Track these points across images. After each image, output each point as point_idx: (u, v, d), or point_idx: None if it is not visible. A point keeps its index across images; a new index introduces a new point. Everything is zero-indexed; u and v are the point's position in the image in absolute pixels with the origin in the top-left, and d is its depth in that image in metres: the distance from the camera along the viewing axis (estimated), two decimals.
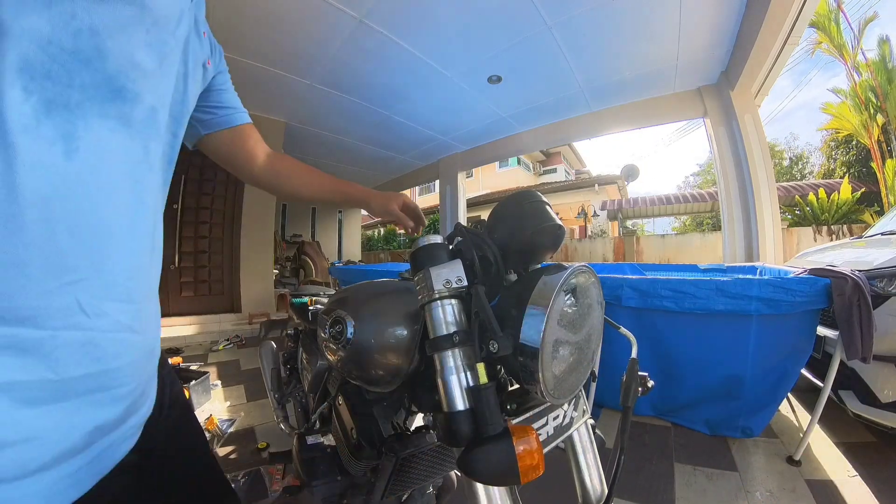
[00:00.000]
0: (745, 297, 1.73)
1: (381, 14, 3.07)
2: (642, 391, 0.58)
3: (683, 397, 2.05)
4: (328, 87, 4.15)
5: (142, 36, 0.40)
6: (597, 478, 0.61)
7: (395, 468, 0.66)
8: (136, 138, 0.41)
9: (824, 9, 7.81)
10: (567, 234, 2.16)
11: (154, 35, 0.41)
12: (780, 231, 4.08)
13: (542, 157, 19.98)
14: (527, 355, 0.43)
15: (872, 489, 1.49)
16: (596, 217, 13.90)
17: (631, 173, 15.36)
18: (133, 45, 0.39)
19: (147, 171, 0.43)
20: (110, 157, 0.38)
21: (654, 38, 3.55)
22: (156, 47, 0.42)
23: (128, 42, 0.38)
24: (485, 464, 0.38)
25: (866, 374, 1.68)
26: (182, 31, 0.47)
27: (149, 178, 0.43)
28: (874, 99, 7.96)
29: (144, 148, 0.42)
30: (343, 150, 6.22)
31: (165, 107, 0.46)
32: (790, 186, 9.80)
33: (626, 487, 1.55)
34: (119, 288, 0.40)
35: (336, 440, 0.79)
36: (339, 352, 0.59)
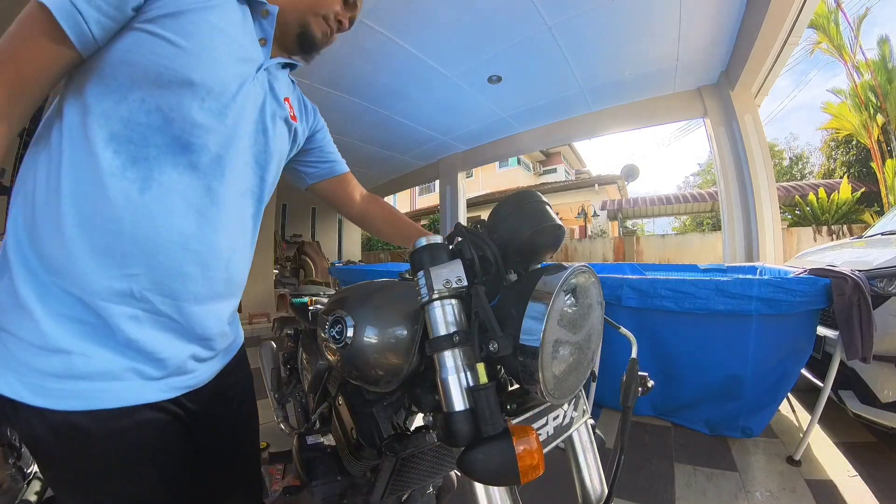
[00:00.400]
0: (745, 297, 1.73)
1: (381, 14, 3.07)
2: (642, 391, 0.58)
3: (683, 397, 2.05)
4: (328, 87, 4.15)
5: (199, 104, 0.53)
6: (597, 478, 0.61)
7: (395, 468, 0.66)
8: (201, 178, 0.54)
9: (823, 9, 7.81)
10: (567, 234, 2.17)
11: (211, 102, 0.54)
12: (780, 231, 4.08)
13: (542, 157, 19.98)
14: (527, 355, 0.43)
15: (872, 489, 1.49)
16: (596, 217, 13.90)
17: (631, 173, 15.36)
18: (193, 112, 0.52)
19: (209, 203, 0.55)
20: (174, 193, 0.52)
21: (654, 38, 3.55)
22: (215, 110, 0.54)
23: (188, 110, 0.52)
24: (485, 464, 0.38)
25: (866, 374, 1.68)
26: (246, 96, 0.59)
27: (211, 208, 0.56)
28: (874, 99, 7.96)
29: (207, 186, 0.55)
30: (343, 150, 6.01)
31: (238, 154, 0.59)
32: (790, 186, 9.80)
33: (626, 487, 1.55)
34: (163, 286, 0.53)
35: (336, 440, 0.79)
36: (339, 352, 0.59)
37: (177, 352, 0.56)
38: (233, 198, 0.59)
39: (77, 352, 0.48)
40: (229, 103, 0.56)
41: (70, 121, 0.49)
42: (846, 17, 8.16)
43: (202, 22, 0.53)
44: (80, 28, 0.47)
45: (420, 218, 16.41)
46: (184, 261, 0.54)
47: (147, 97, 0.50)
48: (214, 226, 0.57)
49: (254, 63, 0.61)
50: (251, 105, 0.60)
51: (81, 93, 0.50)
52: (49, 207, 0.48)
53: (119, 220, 0.49)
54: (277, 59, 0.67)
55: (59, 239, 0.48)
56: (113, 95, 0.49)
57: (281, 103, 0.68)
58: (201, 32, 0.53)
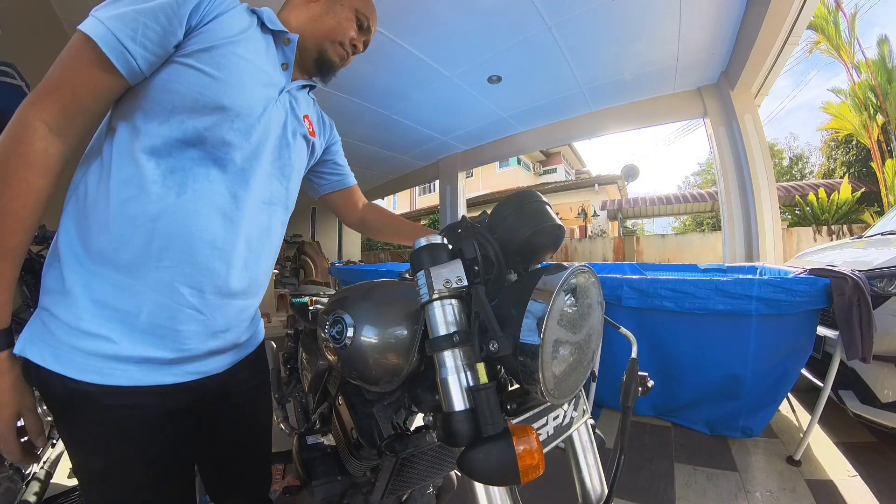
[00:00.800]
0: (745, 297, 1.73)
1: (381, 14, 3.04)
2: (642, 391, 0.58)
3: (683, 397, 2.05)
4: (328, 87, 4.12)
5: (228, 125, 0.61)
6: (597, 478, 0.61)
7: (395, 468, 0.66)
8: (228, 187, 0.62)
9: (822, 10, 7.81)
10: (567, 234, 2.16)
11: (239, 123, 0.62)
12: (780, 231, 4.08)
13: (542, 157, 19.98)
14: (527, 355, 0.43)
15: (872, 489, 1.49)
16: (596, 217, 13.90)
17: (631, 173, 15.36)
18: (223, 132, 0.61)
19: (234, 208, 0.63)
20: (204, 198, 0.60)
21: (654, 38, 3.55)
22: (242, 130, 0.63)
23: (218, 130, 0.60)
24: (485, 464, 0.38)
25: (866, 374, 1.68)
26: (270, 117, 0.67)
27: (236, 213, 0.63)
28: (874, 99, 7.96)
29: (232, 193, 0.62)
30: (343, 149, 6.21)
31: (261, 166, 0.66)
32: (790, 186, 9.80)
33: (626, 487, 1.55)
34: (192, 278, 0.60)
35: (336, 440, 0.79)
36: (339, 352, 0.59)
37: (195, 341, 0.62)
38: (256, 204, 0.67)
39: (105, 335, 0.55)
40: (255, 124, 0.64)
41: (120, 137, 0.58)
42: (846, 16, 8.17)
43: (231, 55, 0.61)
44: (129, 63, 0.55)
45: (420, 218, 16.41)
46: (211, 257, 0.61)
47: (186, 119, 0.58)
48: (238, 228, 0.64)
49: (276, 87, 0.69)
50: (274, 124, 0.68)
51: (130, 114, 0.58)
52: (98, 208, 0.56)
53: (158, 219, 0.57)
54: (298, 81, 0.75)
55: (105, 234, 0.56)
56: (157, 118, 0.58)
57: (301, 121, 0.76)
58: (231, 64, 0.61)
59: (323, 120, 0.93)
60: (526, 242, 0.51)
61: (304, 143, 0.78)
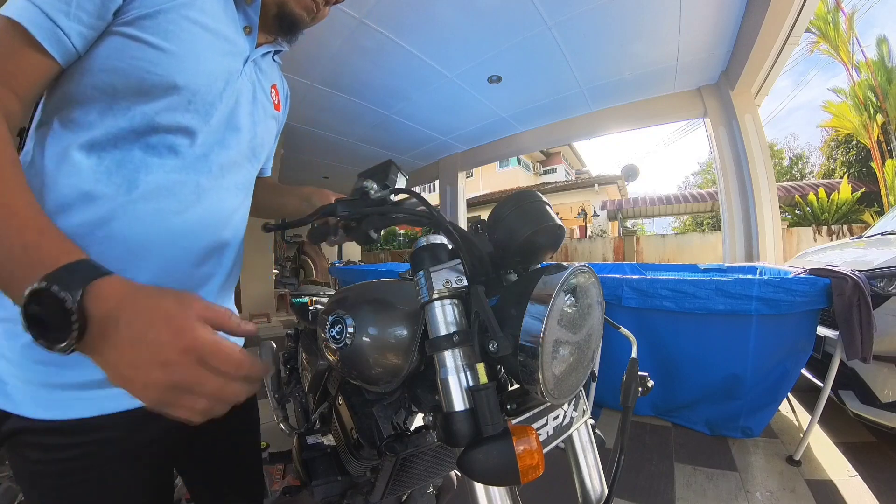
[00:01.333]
0: (745, 296, 1.73)
1: (381, 14, 3.07)
2: (642, 391, 0.58)
3: (683, 397, 2.05)
4: (328, 86, 4.15)
5: (184, 107, 0.51)
6: (597, 478, 0.60)
7: (395, 468, 0.66)
8: (187, 175, 0.53)
9: (822, 10, 7.81)
10: (567, 234, 2.16)
11: (198, 103, 0.52)
12: (780, 231, 4.08)
13: (542, 157, 19.98)
14: (527, 355, 0.43)
15: (872, 489, 1.49)
16: (596, 217, 13.90)
17: (631, 173, 15.37)
18: (178, 115, 0.51)
19: (196, 199, 0.54)
20: (161, 192, 0.51)
21: (654, 38, 3.55)
22: (201, 111, 0.53)
23: (173, 115, 0.50)
24: (485, 464, 0.38)
25: (866, 374, 1.68)
26: (234, 92, 0.57)
27: (198, 204, 0.55)
28: (874, 99, 7.96)
29: (196, 184, 0.54)
30: (343, 150, 6.22)
31: (226, 150, 0.57)
32: (790, 186, 9.80)
33: (626, 487, 1.55)
34: (160, 281, 0.50)
35: (336, 440, 0.79)
36: (339, 352, 0.59)
37: None
38: (223, 194, 0.59)
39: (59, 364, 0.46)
40: (215, 102, 0.54)
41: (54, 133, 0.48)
42: (845, 16, 8.17)
43: (182, 20, 0.50)
44: (63, 44, 0.45)
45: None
46: (175, 258, 0.53)
47: (132, 105, 0.49)
48: (205, 222, 0.56)
49: (240, 56, 0.58)
50: (239, 101, 0.58)
51: (64, 104, 0.48)
52: None
53: (108, 224, 0.48)
54: (264, 47, 0.64)
55: None
56: (97, 106, 0.48)
57: (268, 94, 0.66)
58: (182, 31, 0.50)
59: (284, 87, 0.79)
60: (526, 242, 0.51)
61: (273, 122, 0.70)
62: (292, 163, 6.41)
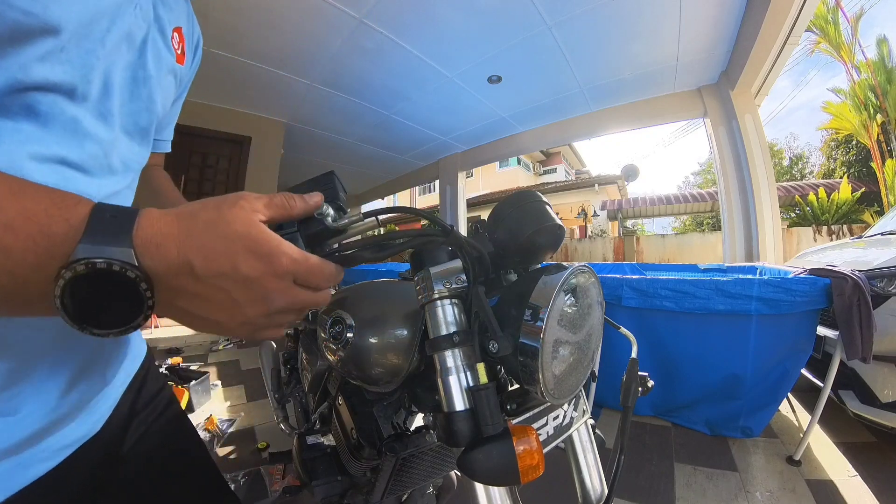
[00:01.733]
0: (744, 296, 1.73)
1: (381, 14, 3.07)
2: (642, 391, 0.58)
3: (683, 397, 2.05)
4: (328, 87, 4.15)
5: (55, 58, 0.35)
6: (597, 478, 0.60)
7: (395, 468, 0.66)
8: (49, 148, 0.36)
9: (822, 10, 7.82)
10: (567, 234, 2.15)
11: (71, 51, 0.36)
12: (780, 231, 4.08)
13: (542, 157, 19.98)
14: (527, 355, 0.43)
15: (872, 489, 1.49)
16: (596, 217, 13.91)
17: (631, 173, 15.37)
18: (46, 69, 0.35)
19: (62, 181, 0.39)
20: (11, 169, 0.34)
21: (654, 38, 3.55)
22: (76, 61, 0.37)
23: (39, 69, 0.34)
24: (485, 464, 0.38)
25: (866, 374, 1.68)
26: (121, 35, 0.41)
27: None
28: (874, 99, 7.96)
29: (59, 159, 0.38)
30: (343, 150, 6.22)
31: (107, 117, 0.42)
32: (790, 186, 9.81)
33: (626, 487, 1.55)
34: None
35: (336, 440, 0.79)
36: (339, 352, 0.59)
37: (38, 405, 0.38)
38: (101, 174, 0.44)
39: None
40: (95, 49, 0.38)
41: None
42: (846, 16, 8.17)
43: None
44: None
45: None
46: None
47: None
48: None
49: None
50: (127, 47, 0.42)
51: None
52: None
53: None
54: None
55: None
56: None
57: (168, 40, 0.49)
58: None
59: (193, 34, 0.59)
60: (526, 242, 0.51)
61: (171, 77, 0.52)
62: (292, 163, 6.41)
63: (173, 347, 3.63)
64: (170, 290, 0.27)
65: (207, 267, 0.27)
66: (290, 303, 0.31)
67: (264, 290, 0.29)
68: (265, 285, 0.29)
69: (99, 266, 0.23)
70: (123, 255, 0.24)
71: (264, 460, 1.81)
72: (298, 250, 0.31)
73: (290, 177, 7.15)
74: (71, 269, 0.23)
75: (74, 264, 0.23)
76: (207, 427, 2.10)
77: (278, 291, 0.30)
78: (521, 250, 0.52)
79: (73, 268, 0.23)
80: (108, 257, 0.24)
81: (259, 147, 4.92)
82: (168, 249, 0.27)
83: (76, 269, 0.23)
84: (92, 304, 0.24)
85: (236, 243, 0.28)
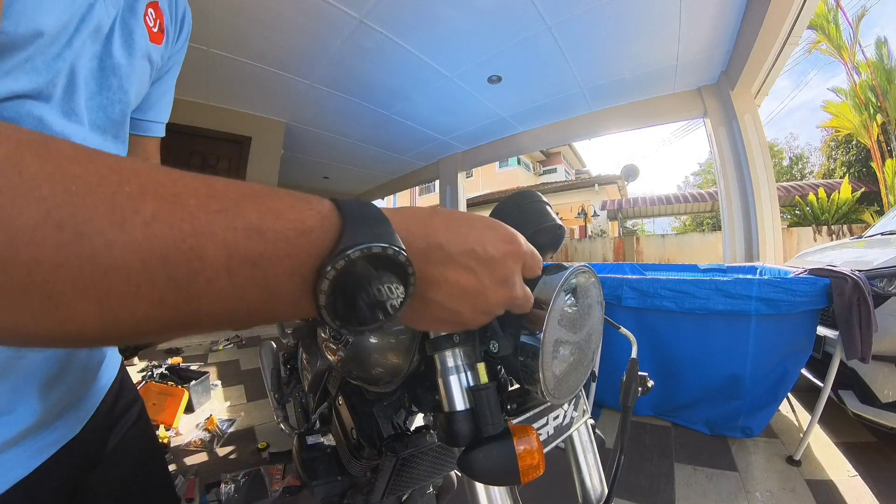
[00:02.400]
0: (744, 296, 1.73)
1: (381, 14, 3.07)
2: (642, 391, 0.58)
3: (683, 397, 2.05)
4: (328, 87, 4.15)
5: (22, 67, 0.32)
6: (597, 478, 0.60)
7: (396, 468, 0.66)
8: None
9: (823, 9, 7.82)
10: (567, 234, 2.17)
11: (36, 61, 0.33)
12: (780, 231, 4.08)
13: (542, 157, 19.98)
14: (527, 355, 0.43)
15: (872, 489, 1.49)
16: (596, 217, 13.91)
17: (631, 173, 15.37)
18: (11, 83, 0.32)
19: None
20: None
21: (654, 38, 3.55)
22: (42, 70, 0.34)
23: (6, 82, 0.32)
24: (485, 463, 0.38)
25: (866, 374, 1.68)
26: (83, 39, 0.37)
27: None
28: (874, 98, 7.96)
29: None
30: (343, 149, 6.22)
31: (72, 112, 0.39)
32: (790, 186, 9.81)
33: (626, 487, 1.55)
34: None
35: (336, 440, 0.79)
36: (339, 352, 0.59)
37: (25, 406, 0.38)
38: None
39: None
40: (63, 52, 0.35)
41: None
42: (846, 16, 8.17)
43: None
44: None
45: None
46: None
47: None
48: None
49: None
50: (93, 39, 0.39)
51: None
52: None
53: None
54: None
55: None
56: None
57: (139, 18, 0.45)
58: None
59: (177, 6, 0.54)
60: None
61: (146, 61, 0.47)
62: (292, 163, 6.41)
63: (173, 347, 3.63)
64: (420, 280, 0.26)
65: (457, 245, 0.27)
66: (521, 292, 0.31)
67: (507, 273, 0.29)
68: (508, 265, 0.29)
69: (374, 251, 0.22)
70: (392, 239, 0.23)
71: (264, 460, 1.81)
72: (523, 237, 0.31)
73: (291, 176, 7.15)
74: (343, 257, 0.21)
75: (345, 253, 0.21)
76: (207, 427, 2.10)
77: (516, 273, 0.30)
78: None
79: (346, 256, 0.21)
80: (379, 242, 0.22)
81: (259, 147, 4.91)
82: (418, 231, 0.26)
83: (351, 256, 0.21)
84: (353, 303, 0.23)
85: (479, 223, 0.29)
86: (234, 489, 1.58)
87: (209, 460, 1.84)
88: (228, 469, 1.72)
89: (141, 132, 0.59)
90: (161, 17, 0.49)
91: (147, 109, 0.58)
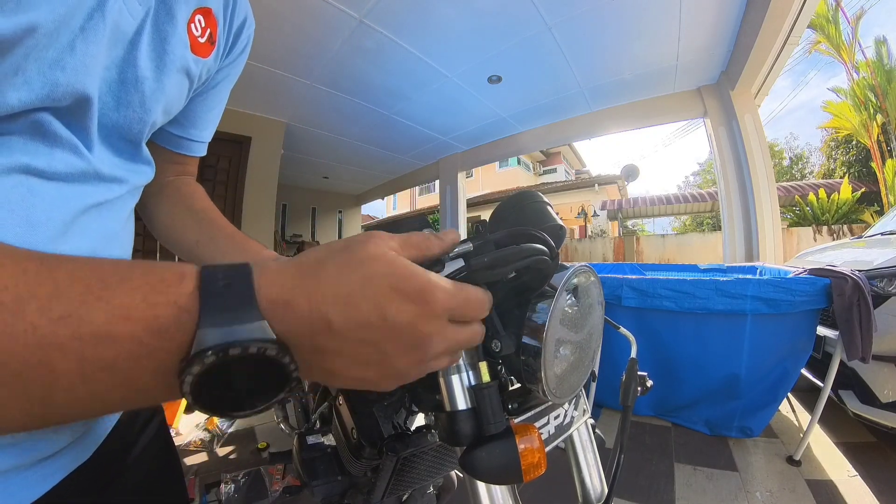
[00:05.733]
0: (744, 296, 1.73)
1: (381, 14, 3.07)
2: (642, 391, 0.58)
3: (683, 397, 2.05)
4: (328, 87, 4.15)
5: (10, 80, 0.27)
6: (597, 477, 0.61)
7: (396, 468, 0.66)
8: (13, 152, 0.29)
9: (823, 9, 7.82)
10: (567, 234, 2.18)
11: (29, 72, 0.28)
12: (780, 231, 4.08)
13: (542, 157, 19.99)
14: (529, 354, 0.43)
15: (872, 489, 1.49)
16: (596, 217, 13.91)
17: (631, 173, 15.37)
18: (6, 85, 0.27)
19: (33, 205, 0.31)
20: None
21: (654, 38, 3.55)
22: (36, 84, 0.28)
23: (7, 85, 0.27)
24: (488, 462, 0.38)
25: (866, 374, 1.68)
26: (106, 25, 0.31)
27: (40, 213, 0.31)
28: (874, 98, 7.97)
29: (25, 169, 0.30)
30: (343, 149, 6.22)
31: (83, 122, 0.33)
32: (790, 186, 9.81)
33: (626, 487, 1.55)
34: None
35: (336, 440, 0.79)
36: None
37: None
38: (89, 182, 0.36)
39: None
40: (62, 58, 0.29)
41: None
42: (846, 16, 8.18)
43: None
44: None
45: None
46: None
47: None
48: (52, 235, 0.32)
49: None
50: (111, 42, 0.32)
51: None
52: None
53: None
54: None
55: None
56: None
57: (178, 25, 0.38)
58: None
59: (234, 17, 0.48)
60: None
61: (183, 76, 0.41)
62: (292, 163, 6.41)
63: None
64: (308, 353, 0.23)
65: (348, 318, 0.23)
66: (448, 345, 0.27)
67: (418, 336, 0.25)
68: (419, 329, 0.25)
69: (233, 354, 0.20)
70: (257, 332, 0.21)
71: (264, 460, 1.81)
72: (451, 282, 0.27)
73: (291, 177, 7.15)
74: (199, 362, 0.19)
75: (202, 356, 0.19)
76: (208, 427, 2.10)
77: (434, 334, 0.26)
78: None
79: (202, 361, 0.19)
80: (239, 339, 0.20)
81: (259, 147, 4.91)
82: (298, 306, 0.22)
83: (205, 361, 0.19)
84: (227, 387, 0.21)
85: (379, 284, 0.24)
86: (234, 489, 1.58)
87: (209, 460, 1.85)
88: (228, 469, 1.72)
89: (181, 150, 0.54)
90: (213, 26, 0.43)
91: (189, 126, 0.53)
